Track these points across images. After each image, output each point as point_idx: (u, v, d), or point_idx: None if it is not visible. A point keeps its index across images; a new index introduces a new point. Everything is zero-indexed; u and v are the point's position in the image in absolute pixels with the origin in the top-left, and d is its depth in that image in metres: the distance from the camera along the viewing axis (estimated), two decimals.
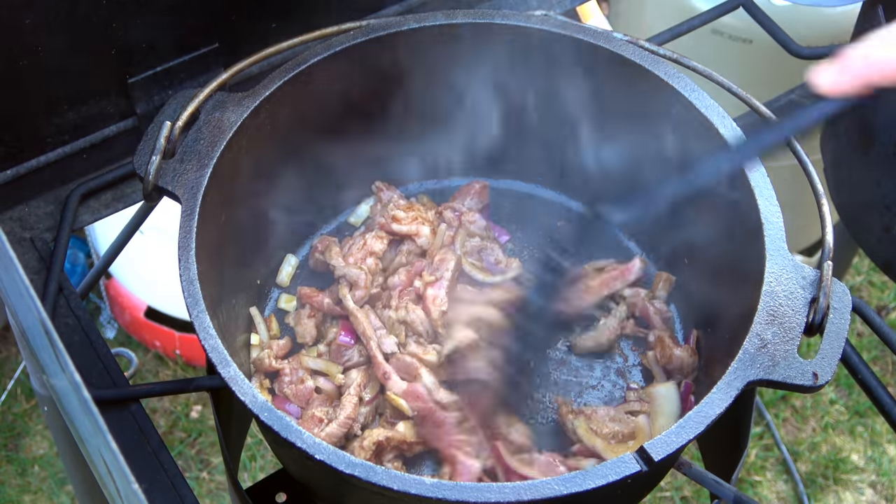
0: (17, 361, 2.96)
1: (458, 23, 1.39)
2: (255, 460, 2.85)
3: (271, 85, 1.33)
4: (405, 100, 1.45)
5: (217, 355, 1.13)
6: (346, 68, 1.39)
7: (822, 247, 1.24)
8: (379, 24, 1.39)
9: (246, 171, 1.34)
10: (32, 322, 0.85)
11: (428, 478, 1.05)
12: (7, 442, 2.89)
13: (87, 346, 1.35)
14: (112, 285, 2.98)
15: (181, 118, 1.28)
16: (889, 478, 2.90)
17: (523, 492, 1.04)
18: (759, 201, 1.25)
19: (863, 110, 1.82)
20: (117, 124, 1.51)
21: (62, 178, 1.50)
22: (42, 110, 1.43)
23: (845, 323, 1.19)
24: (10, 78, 1.36)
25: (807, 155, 1.33)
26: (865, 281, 3.25)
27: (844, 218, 1.95)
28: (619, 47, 1.38)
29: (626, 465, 1.07)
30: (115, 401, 1.31)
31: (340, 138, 1.47)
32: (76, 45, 1.39)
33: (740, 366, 1.14)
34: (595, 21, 2.47)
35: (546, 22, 1.40)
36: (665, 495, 2.83)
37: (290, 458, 1.30)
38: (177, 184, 1.25)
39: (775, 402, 3.01)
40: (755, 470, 2.89)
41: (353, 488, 1.09)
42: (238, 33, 1.51)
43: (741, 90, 1.38)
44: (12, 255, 0.81)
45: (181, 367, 3.00)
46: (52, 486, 2.81)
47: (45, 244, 1.44)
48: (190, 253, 1.19)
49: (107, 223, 2.21)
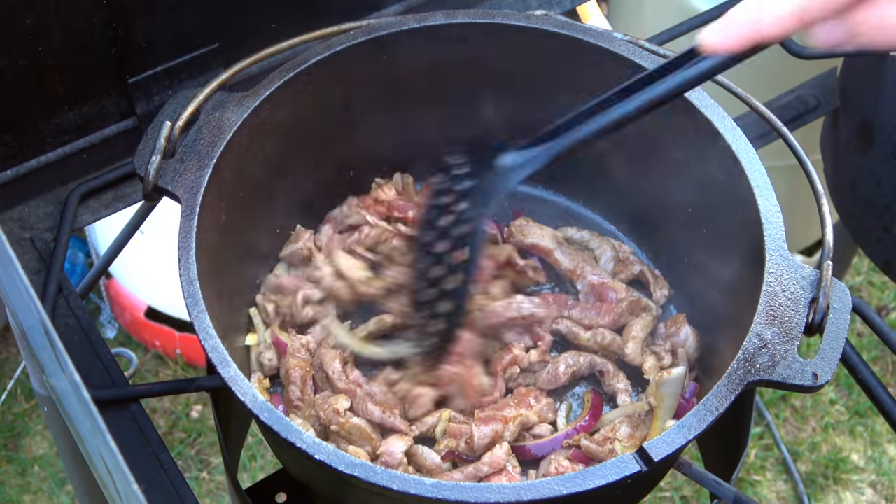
0: (17, 361, 2.96)
1: (458, 23, 1.39)
2: (255, 460, 2.85)
3: (271, 85, 1.33)
4: (405, 100, 1.45)
5: (217, 355, 1.13)
6: (346, 68, 1.39)
7: (822, 247, 1.24)
8: (379, 24, 1.39)
9: (246, 172, 1.34)
10: (32, 322, 0.85)
11: (427, 478, 1.05)
12: (7, 442, 2.89)
13: (86, 346, 1.35)
14: (112, 285, 2.98)
15: (181, 118, 1.28)
16: (889, 478, 2.90)
17: (523, 492, 1.04)
18: (758, 201, 1.25)
19: (863, 111, 1.82)
20: (117, 124, 1.51)
21: (62, 178, 1.49)
22: (42, 110, 1.43)
23: (845, 323, 1.19)
24: (10, 78, 1.36)
25: (807, 155, 1.33)
26: (865, 281, 3.25)
27: (844, 218, 1.95)
28: (619, 47, 1.38)
29: (625, 465, 1.07)
30: (114, 401, 1.31)
31: (340, 139, 1.47)
32: (76, 45, 1.38)
33: (740, 366, 1.14)
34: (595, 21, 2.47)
35: (546, 22, 1.40)
36: (665, 495, 2.83)
37: (289, 458, 1.30)
38: (177, 184, 1.25)
39: (775, 402, 3.01)
40: (755, 470, 2.89)
41: (353, 488, 1.09)
42: (238, 33, 1.51)
43: (741, 90, 1.38)
44: (12, 255, 0.81)
45: (181, 367, 3.00)
46: (52, 486, 2.81)
47: (45, 244, 1.44)
48: (190, 253, 1.19)
49: (107, 223, 2.21)
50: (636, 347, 1.39)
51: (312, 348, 1.38)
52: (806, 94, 1.89)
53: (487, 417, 1.29)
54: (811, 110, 1.89)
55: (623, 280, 1.47)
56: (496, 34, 1.40)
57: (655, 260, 1.53)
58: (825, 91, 1.90)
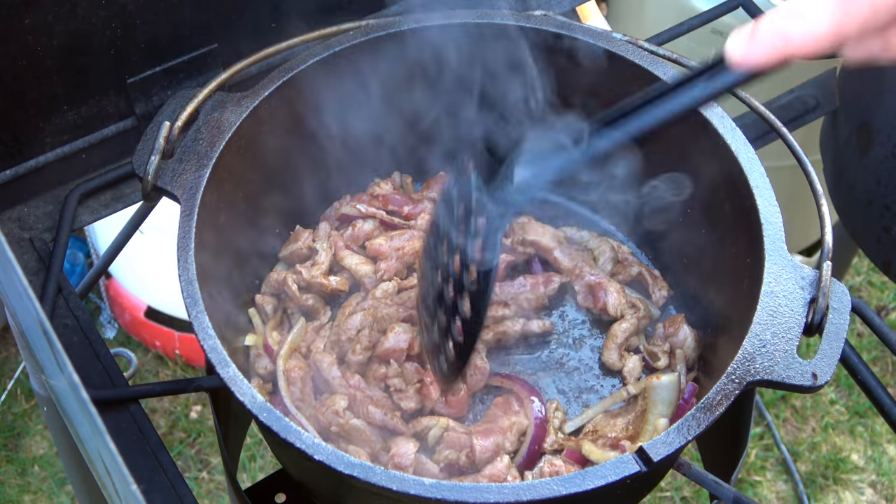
0: (17, 361, 2.96)
1: (458, 23, 1.39)
2: (255, 460, 2.85)
3: (270, 85, 1.33)
4: (405, 100, 1.45)
5: (216, 356, 1.13)
6: (345, 68, 1.39)
7: (822, 247, 1.24)
8: (379, 24, 1.39)
9: (245, 172, 1.34)
10: (31, 323, 0.85)
11: (427, 479, 1.05)
12: (7, 442, 2.89)
13: (86, 346, 1.35)
14: (112, 285, 2.98)
15: (180, 118, 1.28)
16: (889, 478, 2.90)
17: (522, 492, 1.04)
18: (758, 202, 1.25)
19: (863, 111, 1.82)
20: (116, 124, 1.51)
21: (61, 179, 1.49)
22: (41, 110, 1.43)
23: (844, 323, 1.19)
24: (10, 78, 1.36)
25: (806, 155, 1.33)
26: (865, 281, 3.25)
27: (844, 218, 1.95)
28: (619, 47, 1.38)
29: (625, 465, 1.07)
30: (113, 401, 1.31)
31: (340, 139, 1.47)
32: (76, 45, 1.38)
33: (740, 366, 1.14)
34: (594, 21, 2.47)
35: (546, 22, 1.40)
36: (665, 495, 2.83)
37: (289, 458, 1.30)
38: (176, 184, 1.25)
39: (775, 402, 3.01)
40: (755, 470, 2.89)
41: (352, 488, 1.09)
42: (238, 33, 1.51)
43: (741, 90, 1.37)
44: (11, 255, 0.81)
45: (181, 367, 3.00)
46: (52, 486, 2.81)
47: (45, 244, 1.44)
48: (189, 253, 1.19)
49: (106, 223, 2.22)
50: (614, 351, 1.40)
51: (303, 351, 1.39)
52: (806, 95, 1.89)
53: (487, 430, 1.29)
54: (811, 110, 1.88)
55: (622, 280, 1.47)
56: (496, 34, 1.40)
57: (654, 260, 1.53)
58: (825, 91, 1.90)
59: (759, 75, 0.96)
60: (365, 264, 1.44)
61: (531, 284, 1.45)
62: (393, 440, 1.28)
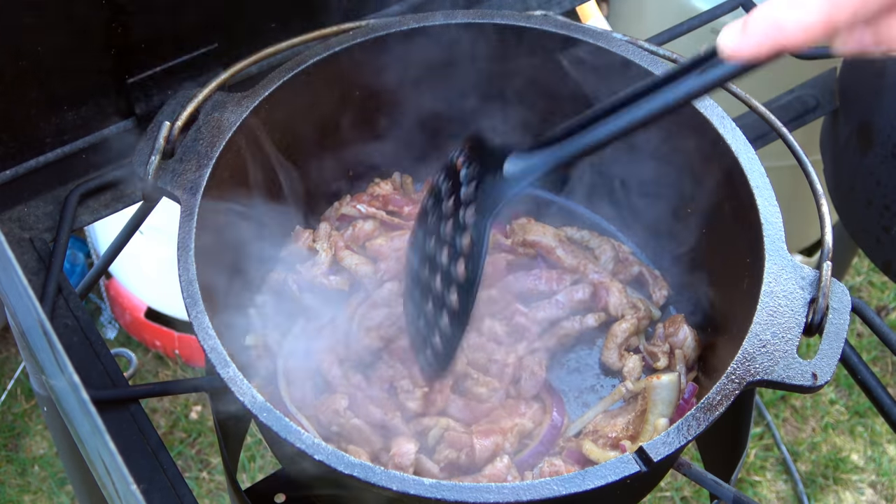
0: (17, 361, 2.96)
1: (458, 23, 1.39)
2: (255, 460, 2.85)
3: (270, 85, 1.33)
4: (405, 101, 1.45)
5: (216, 356, 1.13)
6: (345, 68, 1.39)
7: (822, 247, 1.24)
8: (379, 24, 1.39)
9: (245, 172, 1.34)
10: (31, 323, 0.85)
11: (427, 479, 1.05)
12: (7, 442, 2.89)
13: (86, 346, 1.35)
14: (112, 285, 2.99)
15: (180, 118, 1.28)
16: (889, 478, 2.90)
17: (522, 492, 1.04)
18: (758, 201, 1.25)
19: (863, 111, 1.82)
20: (116, 125, 1.51)
21: (61, 179, 1.49)
22: (41, 110, 1.43)
23: (844, 323, 1.19)
24: (10, 78, 1.36)
25: (806, 155, 1.33)
26: (865, 281, 3.25)
27: (844, 218, 1.95)
28: (619, 47, 1.38)
29: (625, 465, 1.07)
30: (113, 401, 1.31)
31: (340, 139, 1.47)
32: (76, 45, 1.38)
33: (739, 366, 1.14)
34: (595, 21, 2.47)
35: (546, 22, 1.40)
36: (665, 495, 2.83)
37: (289, 458, 1.30)
38: (176, 184, 1.25)
39: (775, 402, 3.01)
40: (755, 470, 2.89)
41: (353, 489, 1.08)
42: (238, 33, 1.51)
43: (741, 90, 1.38)
44: (11, 255, 0.81)
45: (181, 368, 3.00)
46: (52, 486, 2.81)
47: (45, 244, 1.44)
48: (189, 253, 1.19)
49: (106, 223, 2.22)
50: (614, 351, 1.40)
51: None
52: (805, 95, 1.89)
53: (487, 430, 1.29)
54: (811, 110, 1.88)
55: (623, 280, 1.47)
56: (496, 34, 1.40)
57: (655, 260, 1.53)
58: (825, 91, 1.90)
59: (751, 68, 0.97)
60: (365, 264, 1.44)
61: (545, 279, 1.45)
62: (393, 440, 1.28)
